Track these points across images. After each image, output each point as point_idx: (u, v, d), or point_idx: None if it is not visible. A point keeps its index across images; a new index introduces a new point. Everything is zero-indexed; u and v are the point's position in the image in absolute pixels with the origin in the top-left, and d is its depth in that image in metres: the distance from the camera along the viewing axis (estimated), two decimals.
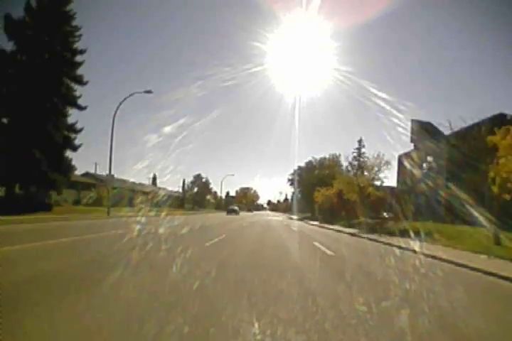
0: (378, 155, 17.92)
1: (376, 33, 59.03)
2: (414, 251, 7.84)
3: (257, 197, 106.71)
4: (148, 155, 65.13)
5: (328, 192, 28.37)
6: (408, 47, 59.87)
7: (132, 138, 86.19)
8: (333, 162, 37.76)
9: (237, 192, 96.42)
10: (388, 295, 3.57)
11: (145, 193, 41.80)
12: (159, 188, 53.69)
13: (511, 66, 50.38)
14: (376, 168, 17.93)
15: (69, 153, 19.10)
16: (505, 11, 30.80)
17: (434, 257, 7.07)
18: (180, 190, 59.88)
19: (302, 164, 48.11)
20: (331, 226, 19.50)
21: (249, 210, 69.12)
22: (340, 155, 40.35)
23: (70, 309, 2.60)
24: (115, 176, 24.02)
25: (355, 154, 37.19)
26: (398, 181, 29.14)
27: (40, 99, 17.27)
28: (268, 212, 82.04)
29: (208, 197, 58.91)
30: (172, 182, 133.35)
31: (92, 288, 3.32)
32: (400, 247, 8.87)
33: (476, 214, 10.34)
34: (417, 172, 22.97)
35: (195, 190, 55.15)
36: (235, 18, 46.79)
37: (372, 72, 64.93)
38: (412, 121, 23.84)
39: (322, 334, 2.27)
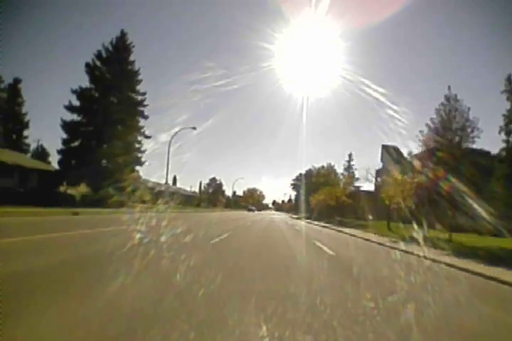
0: (349, 175, 26.56)
1: (385, 33, 59.98)
2: (346, 233, 16.55)
3: (263, 198, 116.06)
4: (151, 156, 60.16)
5: (319, 197, 37.12)
6: (417, 48, 60.19)
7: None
8: (328, 171, 46.45)
9: (244, 192, 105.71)
10: (310, 237, 12.33)
11: (171, 193, 50.96)
12: (179, 188, 62.99)
13: None
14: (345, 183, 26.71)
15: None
16: (508, 13, 31.59)
17: (351, 235, 15.77)
18: (195, 190, 69.46)
19: (303, 171, 57.01)
20: (315, 222, 28.26)
21: (259, 210, 78.38)
22: (334, 165, 49.18)
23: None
24: None
25: (345, 166, 46.03)
26: (375, 189, 37.81)
27: (125, 132, 26.58)
28: (273, 212, 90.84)
29: (220, 197, 68.08)
30: (183, 182, 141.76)
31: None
32: (340, 231, 17.65)
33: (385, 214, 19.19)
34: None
35: (210, 191, 64.70)
36: (242, 18, 46.57)
37: (382, 72, 64.08)
38: (382, 146, 32.48)
39: (284, 238, 11.07)
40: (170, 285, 3.44)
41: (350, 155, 46.83)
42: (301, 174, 54.55)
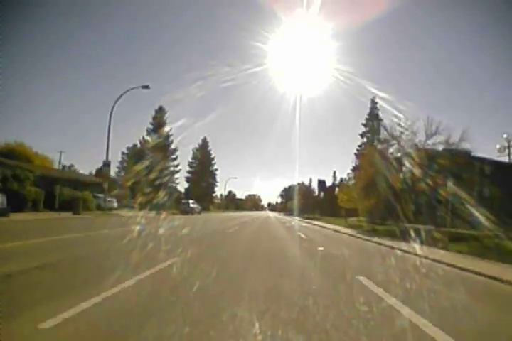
0: (307, 190, 56.10)
1: (376, 33, 58.86)
2: (297, 219, 45.95)
3: (260, 201, 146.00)
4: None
5: (293, 203, 66.71)
6: (407, 48, 58.99)
7: (130, 139, 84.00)
8: (300, 186, 76.38)
9: (246, 197, 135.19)
10: (283, 221, 41.51)
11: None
12: None
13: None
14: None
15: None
16: (506, 13, 31.89)
17: (299, 220, 45.20)
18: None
19: (296, 176, 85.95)
20: (296, 217, 57.52)
21: (258, 210, 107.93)
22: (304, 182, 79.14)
23: None
24: None
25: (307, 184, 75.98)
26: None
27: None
28: (268, 212, 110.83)
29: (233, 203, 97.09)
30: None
31: None
32: (307, 222, 47.15)
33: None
34: None
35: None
36: (235, 18, 44.50)
37: (373, 71, 63.23)
38: (318, 180, 61.94)
39: (268, 223, 40.43)
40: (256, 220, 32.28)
41: (310, 179, 76.25)
42: (284, 188, 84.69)
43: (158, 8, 58.58)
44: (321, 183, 58.56)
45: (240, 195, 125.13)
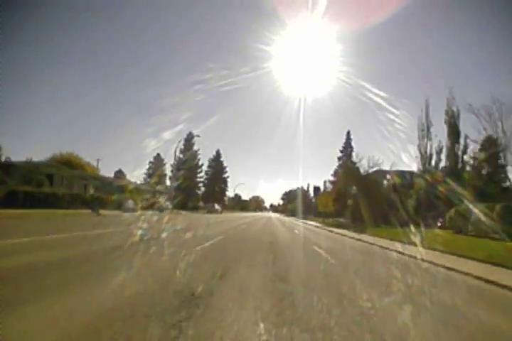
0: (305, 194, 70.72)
1: (381, 36, 60.06)
2: (294, 218, 60.58)
3: (263, 202, 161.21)
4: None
5: (292, 205, 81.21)
6: (410, 51, 60.35)
7: (131, 143, 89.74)
8: (301, 190, 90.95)
9: (250, 198, 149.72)
10: (280, 220, 56.05)
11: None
12: None
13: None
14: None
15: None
16: (507, 15, 31.97)
17: (295, 219, 59.65)
18: None
19: (300, 178, 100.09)
20: (292, 218, 71.79)
21: (261, 211, 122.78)
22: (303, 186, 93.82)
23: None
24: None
25: (305, 190, 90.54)
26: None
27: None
28: (270, 213, 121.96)
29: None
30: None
31: None
32: (297, 220, 61.77)
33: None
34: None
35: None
36: (241, 20, 45.56)
37: (377, 74, 64.42)
38: (314, 187, 76.37)
39: (271, 220, 55.12)
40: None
41: (308, 185, 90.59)
42: (286, 192, 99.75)
43: (162, 9, 59.84)
44: (316, 189, 72.90)
45: (244, 196, 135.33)
